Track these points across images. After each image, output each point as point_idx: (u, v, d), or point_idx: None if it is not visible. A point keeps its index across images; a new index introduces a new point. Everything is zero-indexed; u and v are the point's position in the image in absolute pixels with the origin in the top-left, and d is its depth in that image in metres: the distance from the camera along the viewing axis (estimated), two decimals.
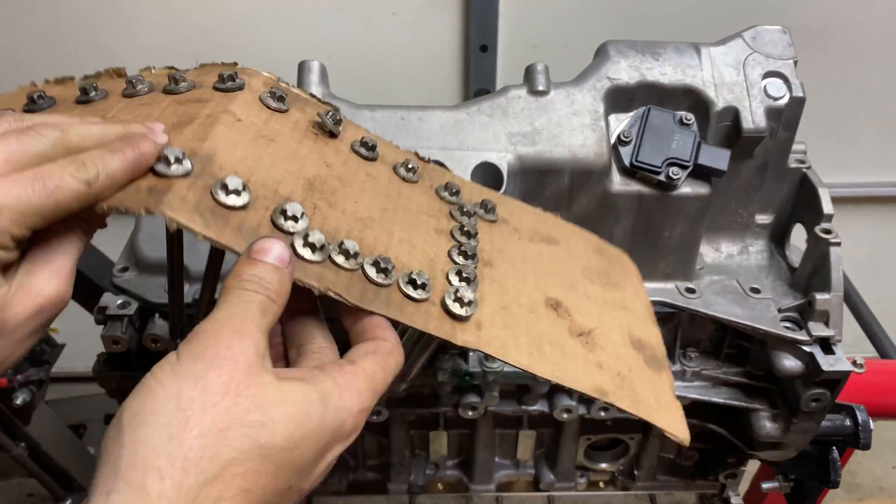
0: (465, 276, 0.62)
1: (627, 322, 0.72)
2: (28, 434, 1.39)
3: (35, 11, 1.50)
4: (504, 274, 0.67)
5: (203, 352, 0.42)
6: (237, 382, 0.41)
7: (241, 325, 0.44)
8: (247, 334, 0.44)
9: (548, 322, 0.64)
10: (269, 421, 0.41)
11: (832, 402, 0.90)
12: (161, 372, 0.41)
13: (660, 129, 0.87)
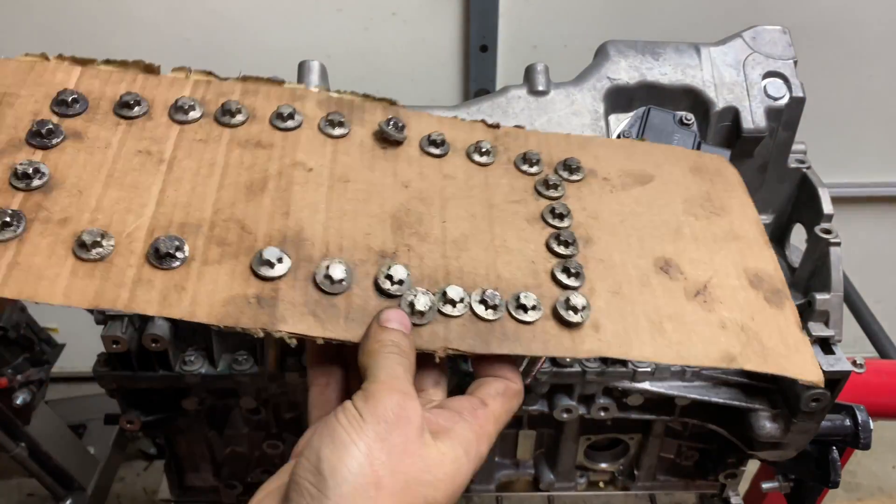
0: (573, 272, 0.61)
1: (741, 254, 0.68)
2: (28, 434, 1.39)
3: (35, 11, 1.50)
4: (607, 247, 0.65)
5: (383, 413, 0.48)
6: (412, 443, 0.48)
7: (403, 386, 0.51)
8: (411, 395, 0.51)
9: (662, 291, 0.63)
10: (435, 479, 0.49)
11: (832, 402, 0.90)
12: (351, 428, 0.48)
13: (660, 129, 0.87)
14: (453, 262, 0.59)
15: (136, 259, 0.51)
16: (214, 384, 1.03)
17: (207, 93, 0.66)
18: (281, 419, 1.18)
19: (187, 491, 1.24)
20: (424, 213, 0.62)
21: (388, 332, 0.53)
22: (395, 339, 0.53)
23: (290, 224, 0.56)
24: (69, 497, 1.54)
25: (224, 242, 0.54)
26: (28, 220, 0.51)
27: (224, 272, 0.52)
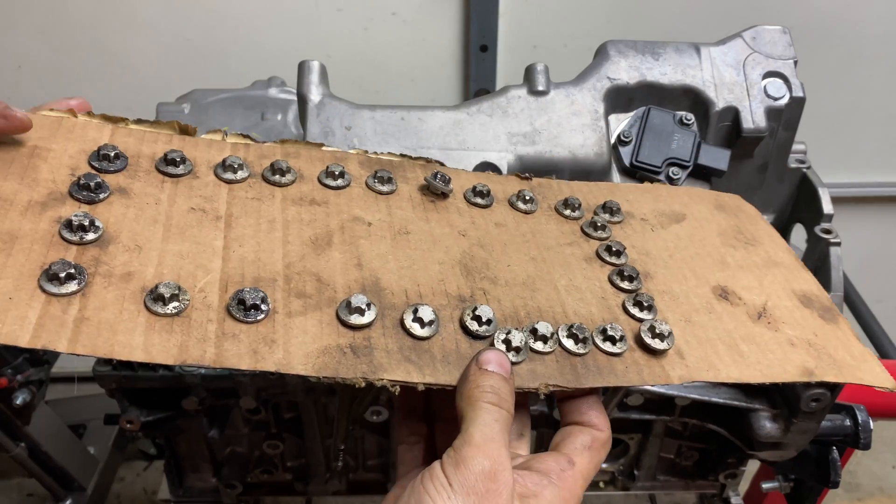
0: (645, 304, 0.61)
1: (785, 278, 0.71)
2: (28, 434, 1.39)
3: (35, 11, 1.50)
4: (665, 280, 0.66)
5: (474, 484, 0.46)
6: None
7: (497, 451, 0.48)
8: (504, 462, 0.48)
9: (728, 317, 0.64)
10: None
11: (832, 401, 0.90)
12: (439, 498, 0.46)
13: (660, 129, 0.87)
14: (529, 302, 0.59)
15: (214, 313, 0.50)
16: (214, 384, 1.02)
17: (248, 154, 0.66)
18: (281, 419, 1.18)
19: (187, 491, 1.23)
20: (489, 259, 0.63)
21: (487, 377, 0.51)
22: (494, 385, 0.50)
23: (366, 275, 0.56)
24: (69, 497, 1.54)
25: (304, 294, 0.53)
26: (89, 273, 0.49)
27: (311, 323, 0.51)
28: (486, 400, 0.50)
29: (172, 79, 1.54)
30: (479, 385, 0.50)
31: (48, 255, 0.49)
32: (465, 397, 0.50)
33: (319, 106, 0.85)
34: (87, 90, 1.61)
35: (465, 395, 0.50)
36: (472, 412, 0.49)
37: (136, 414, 1.05)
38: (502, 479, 0.47)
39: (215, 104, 1.02)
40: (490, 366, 0.51)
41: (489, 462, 0.47)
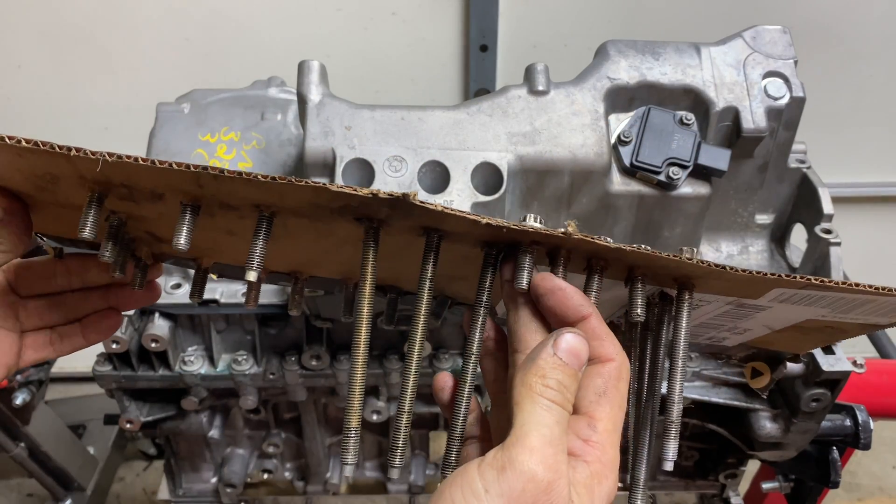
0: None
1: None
2: (28, 434, 1.39)
3: (35, 11, 1.50)
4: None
5: (519, 495, 0.39)
6: None
7: (555, 458, 0.40)
8: (562, 472, 0.40)
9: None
10: None
11: (832, 402, 0.90)
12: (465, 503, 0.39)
13: (660, 128, 0.87)
14: None
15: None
16: (214, 384, 1.03)
17: None
18: (281, 419, 1.18)
19: (187, 491, 1.23)
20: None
21: (559, 369, 0.43)
22: (564, 382, 0.43)
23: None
24: (69, 497, 1.54)
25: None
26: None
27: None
28: (550, 397, 0.43)
29: (172, 79, 1.53)
30: (543, 374, 0.43)
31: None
32: (526, 384, 0.43)
33: (319, 106, 0.85)
34: (87, 90, 1.61)
35: (528, 383, 0.43)
36: (530, 406, 0.42)
37: (136, 414, 1.05)
38: (557, 490, 0.39)
39: (215, 104, 1.02)
40: (565, 354, 0.44)
41: (543, 469, 0.39)
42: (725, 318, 0.57)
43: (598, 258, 0.48)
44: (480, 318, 0.48)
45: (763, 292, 0.49)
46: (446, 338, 1.01)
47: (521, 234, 0.45)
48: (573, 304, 0.46)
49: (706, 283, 0.49)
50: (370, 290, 0.46)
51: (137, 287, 0.57)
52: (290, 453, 1.23)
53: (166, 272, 0.97)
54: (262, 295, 0.95)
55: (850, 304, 0.49)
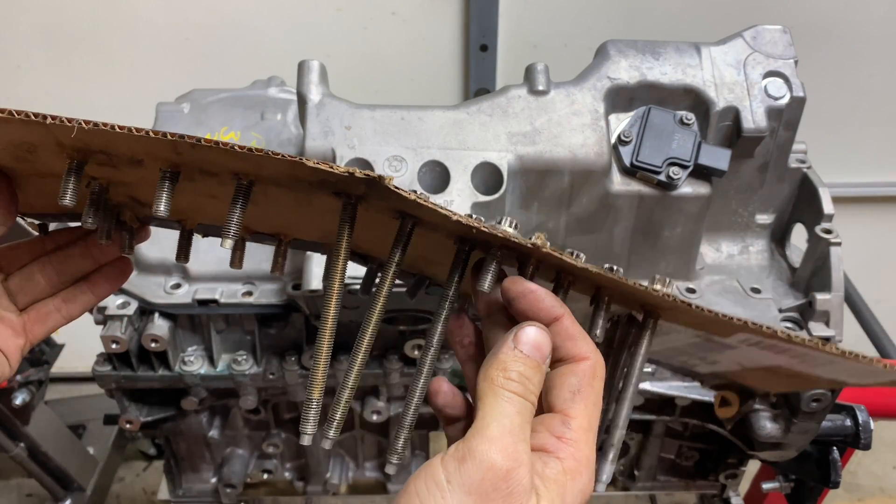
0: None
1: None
2: (28, 434, 1.39)
3: (35, 11, 1.50)
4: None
5: (479, 483, 0.40)
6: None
7: (515, 446, 0.41)
8: (521, 460, 0.41)
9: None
10: None
11: (832, 402, 0.90)
12: (429, 495, 0.40)
13: (660, 128, 0.87)
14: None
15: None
16: (214, 384, 1.02)
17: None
18: (281, 419, 1.18)
19: (187, 491, 1.23)
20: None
21: (520, 361, 0.44)
22: (524, 373, 0.44)
23: None
24: (69, 497, 1.54)
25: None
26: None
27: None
28: (511, 389, 0.43)
29: (172, 79, 1.53)
30: (505, 367, 0.44)
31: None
32: (488, 378, 0.44)
33: (319, 106, 0.85)
34: (87, 90, 1.61)
35: (489, 377, 0.44)
36: (492, 399, 0.43)
37: (136, 414, 1.04)
38: (517, 478, 0.40)
39: (215, 104, 1.02)
40: (526, 347, 0.44)
41: (502, 457, 0.40)
42: (696, 349, 0.56)
43: (566, 273, 0.48)
44: (445, 311, 0.48)
45: (730, 333, 0.49)
46: (446, 338, 1.01)
47: (490, 237, 0.45)
48: (545, 307, 0.46)
49: (673, 314, 0.49)
50: (343, 264, 0.46)
51: (127, 251, 0.57)
52: (290, 453, 1.23)
53: (165, 272, 0.97)
54: (261, 295, 0.95)
55: (816, 360, 0.49)
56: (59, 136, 0.42)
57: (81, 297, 0.59)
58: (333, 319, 0.47)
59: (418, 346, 0.99)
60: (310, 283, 0.84)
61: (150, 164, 0.44)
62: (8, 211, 0.49)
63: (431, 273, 0.60)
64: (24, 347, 0.57)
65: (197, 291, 0.94)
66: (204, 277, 0.96)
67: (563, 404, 0.45)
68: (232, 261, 0.57)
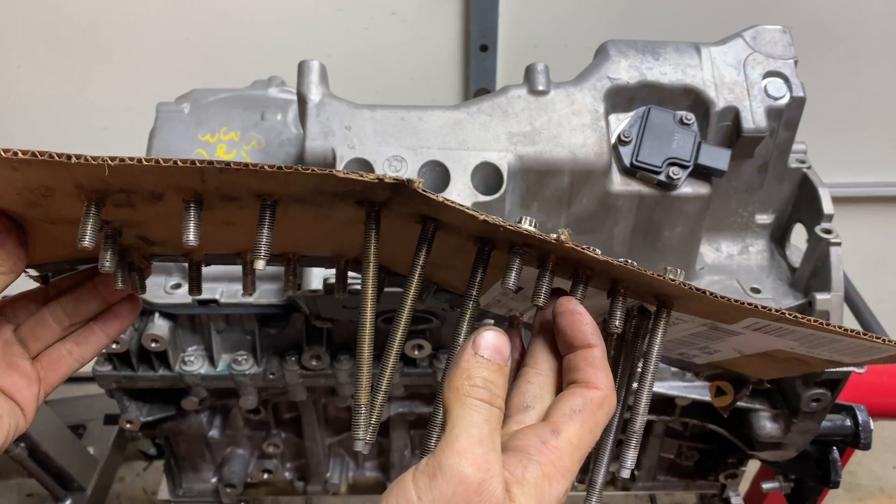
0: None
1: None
2: (28, 434, 1.39)
3: (35, 11, 1.50)
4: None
5: (450, 498, 0.39)
6: None
7: (485, 457, 0.41)
8: (493, 471, 0.41)
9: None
10: None
11: (832, 402, 0.90)
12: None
13: (660, 128, 0.87)
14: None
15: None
16: (214, 384, 1.03)
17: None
18: (281, 419, 1.18)
19: (187, 491, 1.23)
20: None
21: (482, 366, 0.44)
22: (487, 378, 0.44)
23: None
24: (69, 497, 1.54)
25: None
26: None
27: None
28: (477, 396, 0.43)
29: (172, 79, 1.53)
30: (469, 376, 0.44)
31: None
32: (453, 388, 0.44)
33: (319, 106, 0.85)
34: (87, 90, 1.61)
35: (454, 387, 0.44)
36: (459, 409, 0.43)
37: (136, 414, 1.05)
38: (489, 490, 0.40)
39: (215, 104, 1.02)
40: (486, 351, 0.45)
41: (473, 469, 0.40)
42: (698, 338, 0.58)
43: (585, 267, 0.49)
44: (469, 313, 0.49)
45: (738, 319, 0.50)
46: (446, 338, 1.01)
47: (515, 235, 0.45)
48: (583, 329, 0.47)
49: (685, 303, 0.50)
50: (374, 269, 0.47)
51: (140, 291, 0.57)
52: (290, 453, 1.23)
53: (166, 272, 0.97)
54: (261, 295, 0.95)
55: (818, 340, 0.51)
56: (80, 177, 0.41)
57: (93, 337, 0.58)
58: (371, 324, 0.47)
59: (419, 345, 0.99)
60: (310, 284, 0.84)
61: (170, 197, 0.44)
62: (19, 258, 0.48)
63: (440, 278, 0.60)
64: (40, 396, 0.56)
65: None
66: (204, 277, 0.96)
67: (560, 418, 0.46)
68: (245, 286, 0.58)
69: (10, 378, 0.54)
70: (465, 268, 0.50)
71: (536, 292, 0.47)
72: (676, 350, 0.63)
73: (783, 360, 0.58)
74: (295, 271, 0.59)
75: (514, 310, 0.63)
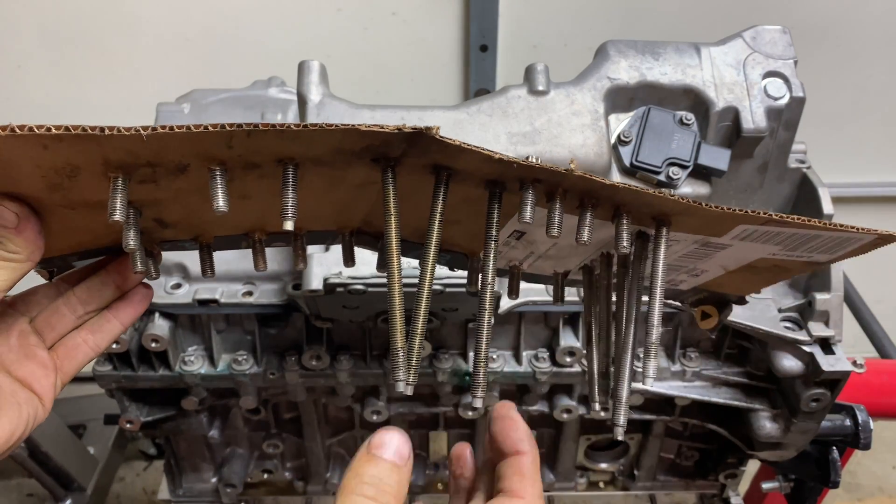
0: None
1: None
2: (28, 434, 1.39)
3: (35, 11, 1.50)
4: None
5: None
6: None
7: None
8: None
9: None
10: None
11: (832, 402, 0.90)
12: None
13: (660, 128, 0.87)
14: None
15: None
16: (214, 384, 1.03)
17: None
18: (281, 419, 1.18)
19: (187, 491, 1.24)
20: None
21: (375, 465, 0.46)
22: (379, 475, 0.45)
23: None
24: (69, 497, 1.54)
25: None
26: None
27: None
28: (361, 493, 0.44)
29: (172, 79, 1.54)
30: (358, 474, 0.45)
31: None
32: (343, 488, 0.45)
33: (319, 106, 0.85)
34: (87, 90, 1.61)
35: (344, 486, 0.45)
36: (346, 502, 0.44)
37: (136, 414, 1.05)
38: None
39: (215, 104, 1.02)
40: (381, 451, 0.46)
41: None
42: (688, 259, 0.63)
43: (590, 196, 0.52)
44: (492, 250, 0.52)
45: (729, 229, 0.55)
46: (446, 338, 1.01)
47: (527, 171, 0.49)
48: (513, 436, 0.50)
49: (681, 220, 0.54)
50: (396, 216, 0.49)
51: (154, 275, 0.57)
52: (290, 453, 1.23)
53: (166, 272, 0.97)
54: (262, 295, 0.95)
55: (799, 240, 0.55)
56: (109, 152, 0.42)
57: (107, 325, 0.59)
58: (399, 270, 0.49)
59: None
60: (310, 283, 0.84)
61: (194, 169, 0.45)
62: (37, 246, 0.48)
63: (446, 236, 0.62)
64: (57, 385, 0.56)
65: (197, 291, 0.94)
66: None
67: (513, 486, 0.48)
68: (256, 263, 0.59)
69: (28, 368, 0.54)
70: (470, 220, 0.54)
71: (550, 224, 0.51)
72: (666, 277, 0.66)
73: (764, 269, 0.62)
74: (303, 246, 0.60)
75: (513, 259, 0.65)
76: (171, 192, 0.48)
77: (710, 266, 0.64)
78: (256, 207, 0.50)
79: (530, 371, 1.00)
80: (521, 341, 1.00)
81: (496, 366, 1.00)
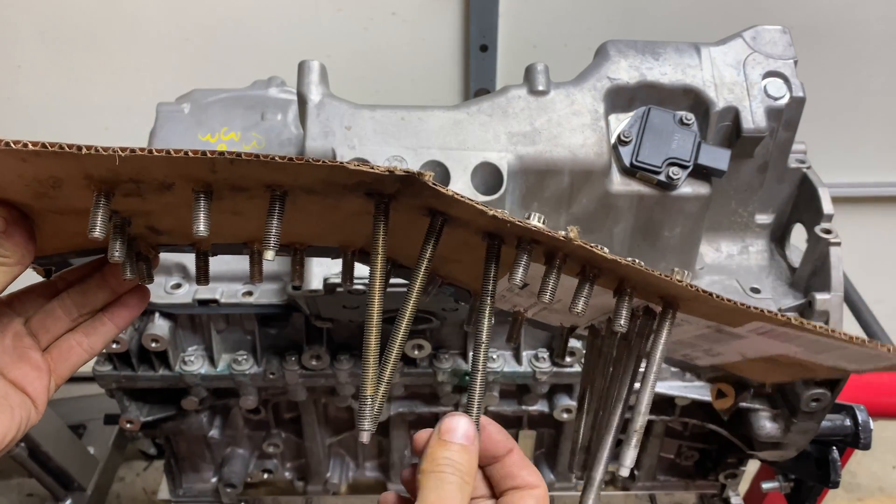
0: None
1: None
2: (28, 434, 1.39)
3: (35, 11, 1.50)
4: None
5: None
6: None
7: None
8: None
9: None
10: None
11: (832, 401, 0.90)
12: None
13: (660, 128, 0.87)
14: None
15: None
16: (214, 384, 1.03)
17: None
18: (281, 419, 1.18)
19: (187, 491, 1.24)
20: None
21: (446, 448, 0.48)
22: (451, 457, 0.47)
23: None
24: (69, 497, 1.54)
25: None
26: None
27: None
28: (439, 471, 0.47)
29: (172, 79, 1.53)
30: (433, 459, 0.47)
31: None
32: (422, 472, 0.47)
33: (319, 106, 0.85)
34: (87, 90, 1.61)
35: (423, 470, 0.47)
36: (427, 481, 0.47)
37: (136, 414, 1.05)
38: None
39: (215, 104, 1.02)
40: (451, 435, 0.48)
41: None
42: (702, 340, 0.58)
43: (592, 266, 0.49)
44: (488, 307, 0.49)
45: (743, 322, 0.51)
46: (446, 338, 1.01)
47: (523, 231, 0.46)
48: (497, 438, 0.51)
49: (691, 305, 0.50)
50: (382, 259, 0.47)
51: (147, 280, 0.57)
52: (290, 453, 1.23)
53: (166, 272, 0.97)
54: (261, 295, 0.95)
55: (823, 346, 0.51)
56: (89, 168, 0.41)
57: (102, 328, 0.58)
58: (378, 315, 0.47)
59: (419, 345, 0.99)
60: (310, 283, 0.84)
61: (180, 187, 0.44)
62: (27, 250, 0.48)
63: (445, 272, 0.60)
64: (51, 388, 0.56)
65: (197, 291, 0.94)
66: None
67: (527, 479, 0.50)
68: (252, 275, 0.58)
69: (22, 370, 0.54)
70: (471, 262, 0.51)
71: (543, 289, 0.48)
72: (680, 351, 0.63)
73: (786, 364, 0.58)
74: (301, 261, 0.59)
75: (518, 305, 0.63)
76: (159, 206, 0.47)
77: (728, 351, 0.60)
78: (252, 221, 0.49)
79: (530, 371, 1.00)
80: (520, 341, 1.00)
81: (496, 366, 1.00)
